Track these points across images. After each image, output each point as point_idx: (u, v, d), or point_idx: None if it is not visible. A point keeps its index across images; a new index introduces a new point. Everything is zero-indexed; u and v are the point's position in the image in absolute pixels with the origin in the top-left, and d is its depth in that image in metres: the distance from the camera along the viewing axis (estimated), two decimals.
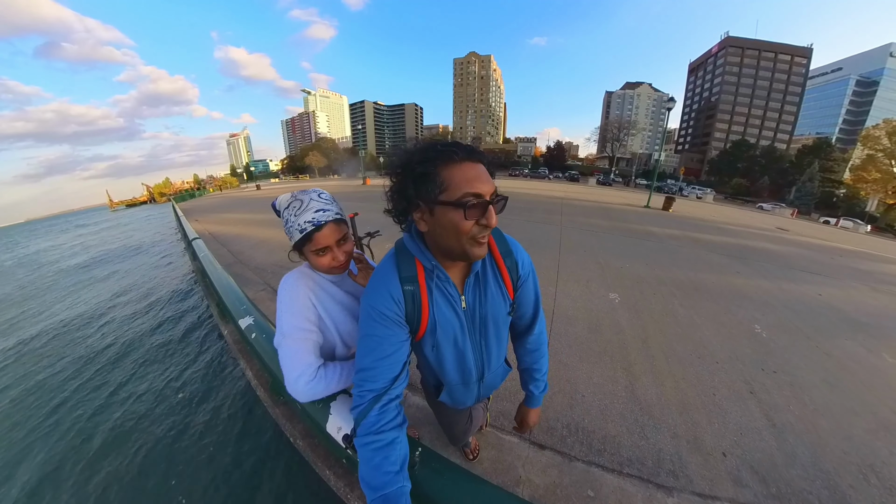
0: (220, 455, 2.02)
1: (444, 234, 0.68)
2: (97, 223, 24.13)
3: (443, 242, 0.70)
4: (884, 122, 32.39)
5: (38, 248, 14.10)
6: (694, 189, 37.58)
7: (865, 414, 2.17)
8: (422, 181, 0.66)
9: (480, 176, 0.65)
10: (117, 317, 4.45)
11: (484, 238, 0.69)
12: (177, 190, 49.57)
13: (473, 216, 0.64)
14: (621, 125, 64.33)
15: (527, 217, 8.94)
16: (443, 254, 0.75)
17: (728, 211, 18.98)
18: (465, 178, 0.63)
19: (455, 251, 0.70)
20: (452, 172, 0.64)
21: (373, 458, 0.69)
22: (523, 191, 17.78)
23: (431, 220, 0.68)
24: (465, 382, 0.95)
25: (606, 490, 1.53)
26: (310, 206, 0.86)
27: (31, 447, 2.22)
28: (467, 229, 0.65)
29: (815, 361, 2.78)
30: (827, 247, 9.28)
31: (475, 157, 0.67)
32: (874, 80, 69.65)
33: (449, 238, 0.68)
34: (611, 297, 3.80)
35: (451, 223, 0.65)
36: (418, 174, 0.66)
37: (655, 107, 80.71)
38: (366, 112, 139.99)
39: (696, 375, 2.45)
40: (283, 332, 0.89)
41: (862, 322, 3.70)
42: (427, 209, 0.67)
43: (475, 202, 0.63)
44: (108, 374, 3.05)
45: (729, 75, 62.37)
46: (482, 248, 0.70)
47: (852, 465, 1.76)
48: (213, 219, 11.09)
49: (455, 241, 0.67)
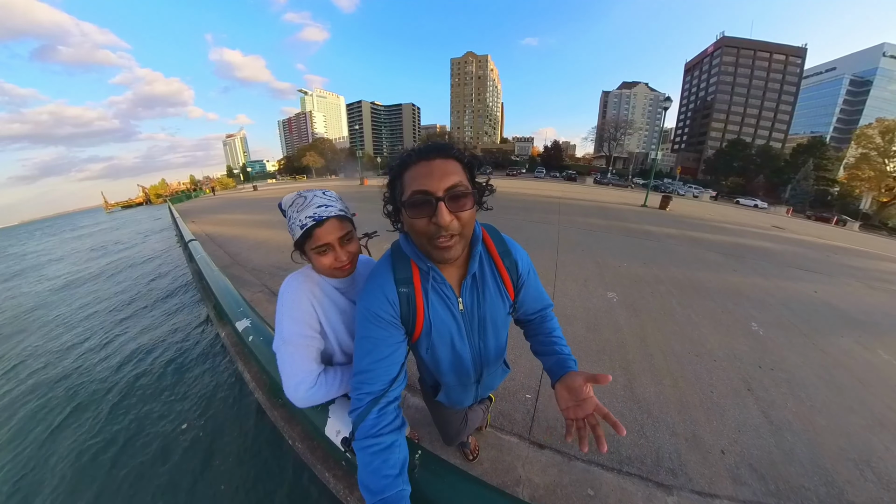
0: (218, 458, 2.00)
1: (413, 235, 0.70)
2: (96, 224, 23.92)
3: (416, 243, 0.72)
4: (877, 122, 32.78)
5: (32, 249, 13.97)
6: (690, 188, 37.81)
7: (861, 410, 2.19)
8: (394, 186, 0.70)
9: (432, 173, 0.63)
10: (117, 316, 4.41)
11: (444, 240, 0.64)
12: (173, 191, 49.23)
13: (418, 214, 0.64)
14: (618, 125, 64.57)
15: (524, 217, 8.95)
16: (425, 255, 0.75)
17: (724, 209, 19.10)
18: (413, 178, 0.65)
19: (425, 252, 0.71)
20: (408, 174, 0.66)
21: (372, 461, 0.68)
22: (521, 190, 17.80)
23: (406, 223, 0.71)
24: (462, 383, 0.95)
25: (606, 489, 1.53)
26: (312, 203, 0.83)
27: (36, 452, 2.19)
28: (421, 229, 0.65)
29: (811, 359, 2.79)
30: (822, 244, 9.35)
31: (431, 155, 0.65)
32: (867, 80, 70.34)
33: (417, 238, 0.69)
34: (609, 296, 3.81)
35: (408, 224, 0.68)
36: (391, 181, 0.71)
37: (652, 106, 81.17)
38: (363, 112, 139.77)
39: (694, 373, 2.46)
40: (284, 338, 0.87)
41: (858, 319, 3.73)
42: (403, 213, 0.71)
43: (418, 199, 0.63)
44: (100, 376, 3.02)
45: (725, 75, 62.78)
46: (444, 251, 0.66)
47: (849, 461, 1.77)
48: (210, 220, 11.02)
49: (418, 242, 0.69)
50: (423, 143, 0.69)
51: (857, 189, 31.45)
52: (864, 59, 71.45)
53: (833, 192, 36.73)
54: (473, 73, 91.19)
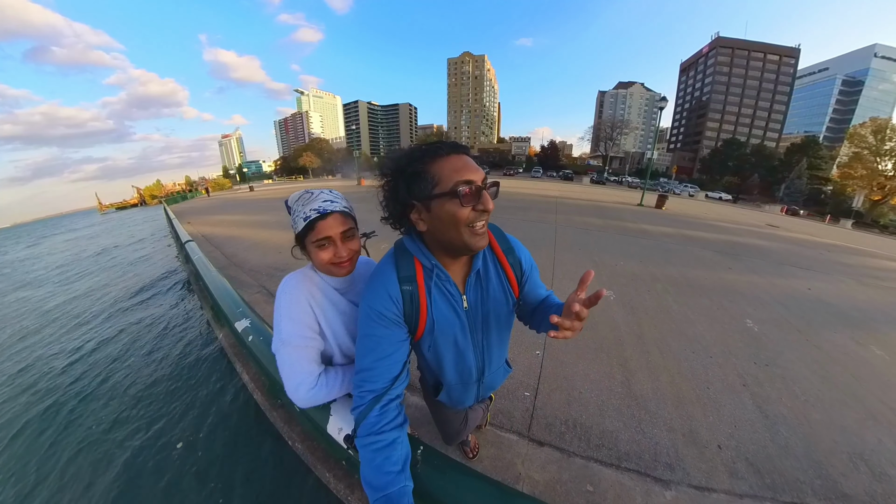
0: (218, 459, 2.00)
1: (444, 227, 0.69)
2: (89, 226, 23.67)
3: (443, 237, 0.71)
4: (870, 121, 33.16)
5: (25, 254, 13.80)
6: (686, 187, 38.09)
7: (855, 404, 2.22)
8: (414, 181, 0.68)
9: (468, 165, 0.67)
10: (116, 318, 4.37)
11: (482, 227, 0.69)
12: (168, 192, 48.80)
13: (469, 202, 0.65)
14: (614, 124, 64.91)
15: (522, 216, 8.97)
16: (444, 251, 0.75)
17: (719, 208, 19.25)
18: (454, 169, 0.66)
19: (456, 244, 0.70)
20: (441, 166, 0.66)
21: (374, 458, 0.69)
22: (519, 190, 17.85)
23: (429, 216, 0.69)
24: (463, 382, 0.95)
25: (605, 484, 1.54)
26: (319, 198, 0.85)
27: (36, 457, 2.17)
28: (465, 217, 0.66)
29: (805, 354, 2.83)
30: (815, 242, 9.46)
31: (460, 150, 0.69)
32: (859, 80, 71.27)
33: (448, 231, 0.69)
34: (606, 295, 3.83)
35: (448, 214, 0.67)
36: (409, 175, 0.68)
37: (648, 106, 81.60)
38: (360, 112, 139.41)
39: (690, 370, 2.48)
40: (282, 339, 0.86)
41: (851, 315, 3.79)
42: (423, 207, 0.69)
43: (468, 189, 0.65)
44: (96, 378, 3.00)
45: (719, 75, 63.33)
46: (481, 238, 0.70)
47: (843, 454, 1.80)
48: (206, 221, 10.95)
49: (455, 232, 0.68)
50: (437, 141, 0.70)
51: (849, 187, 31.81)
52: (856, 59, 72.40)
53: (826, 190, 37.15)
54: (470, 73, 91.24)
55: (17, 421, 2.53)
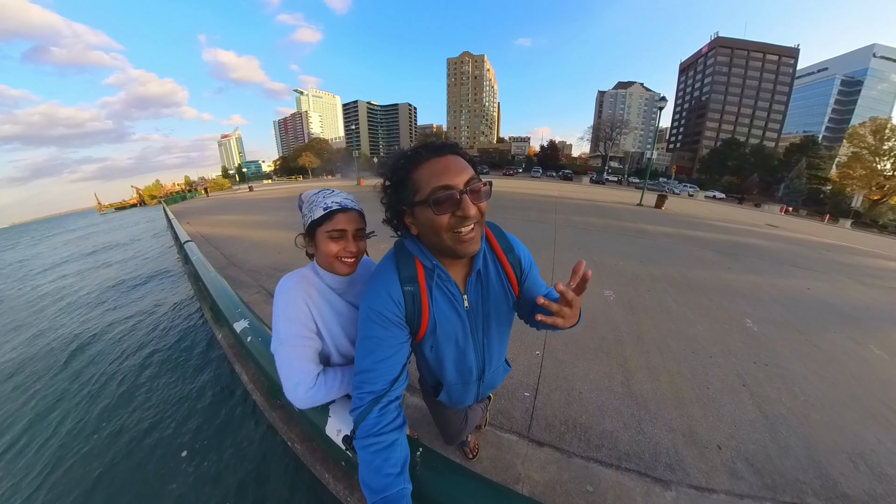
0: (217, 460, 1.99)
1: (428, 233, 0.69)
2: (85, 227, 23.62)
3: (430, 242, 0.71)
4: (869, 121, 33.18)
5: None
6: (685, 187, 38.12)
7: (854, 404, 2.22)
8: (399, 188, 0.68)
9: (449, 168, 0.65)
10: (114, 319, 4.36)
11: (469, 232, 0.67)
12: (167, 192, 48.71)
13: (443, 211, 0.64)
14: (614, 124, 64.93)
15: (522, 216, 8.97)
16: (439, 253, 0.75)
17: (718, 208, 19.27)
18: (431, 174, 0.64)
19: (444, 249, 0.70)
20: (420, 172, 0.65)
21: (373, 460, 0.68)
22: (518, 190, 17.85)
23: (416, 222, 0.70)
24: (463, 382, 0.95)
25: (605, 485, 1.54)
26: (340, 194, 0.90)
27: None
28: (443, 224, 0.65)
29: (805, 354, 2.83)
30: (814, 242, 9.47)
31: (443, 152, 0.67)
32: (858, 80, 71.42)
33: (432, 237, 0.69)
34: (605, 295, 3.83)
35: (428, 221, 0.66)
36: (395, 183, 0.69)
37: (647, 106, 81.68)
38: (359, 112, 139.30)
39: (690, 369, 2.48)
40: (280, 339, 0.86)
41: (850, 315, 3.79)
42: (411, 213, 0.69)
43: (444, 195, 0.63)
44: (95, 380, 2.99)
45: (719, 75, 63.40)
46: (469, 244, 0.68)
47: (842, 453, 1.80)
48: (206, 221, 10.93)
49: (438, 238, 0.68)
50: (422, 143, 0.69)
51: (848, 187, 31.86)
52: (855, 59, 72.55)
53: (825, 190, 37.21)
54: (470, 73, 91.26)
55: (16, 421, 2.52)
